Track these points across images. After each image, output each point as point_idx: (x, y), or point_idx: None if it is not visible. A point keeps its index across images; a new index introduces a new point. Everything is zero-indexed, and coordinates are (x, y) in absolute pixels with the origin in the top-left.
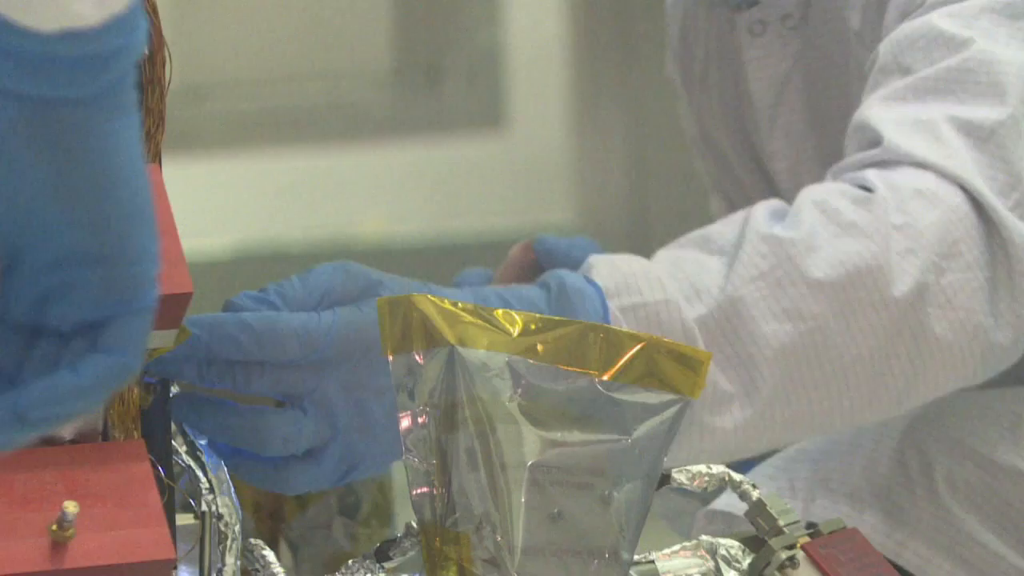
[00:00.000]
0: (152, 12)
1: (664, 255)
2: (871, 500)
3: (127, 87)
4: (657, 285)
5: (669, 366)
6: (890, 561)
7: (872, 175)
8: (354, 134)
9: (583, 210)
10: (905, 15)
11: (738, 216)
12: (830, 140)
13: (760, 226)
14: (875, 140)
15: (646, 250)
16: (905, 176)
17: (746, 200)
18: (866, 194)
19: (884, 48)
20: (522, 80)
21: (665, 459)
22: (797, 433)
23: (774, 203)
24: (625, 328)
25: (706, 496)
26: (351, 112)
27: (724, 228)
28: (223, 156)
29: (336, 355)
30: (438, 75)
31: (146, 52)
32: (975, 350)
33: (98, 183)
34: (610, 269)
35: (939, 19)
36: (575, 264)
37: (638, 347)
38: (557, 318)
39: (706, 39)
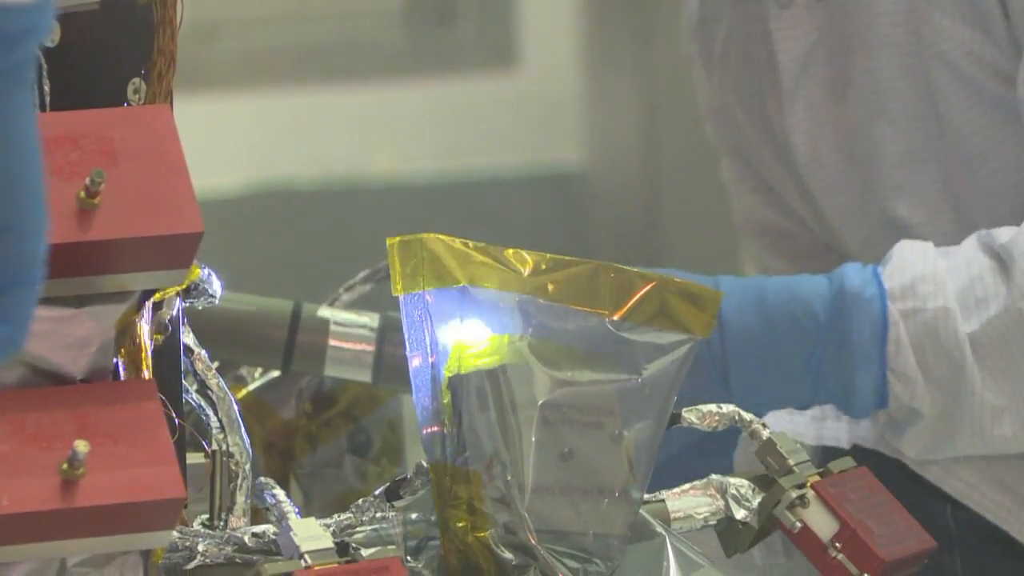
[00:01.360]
0: None
1: (953, 249)
2: None
3: (31, 65)
4: (940, 291)
5: (680, 305)
6: (936, 486)
7: None
8: (365, 72)
9: (594, 149)
10: None
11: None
12: (850, 113)
13: None
14: None
15: (656, 189)
16: None
17: (763, 165)
18: None
19: None
20: (534, 19)
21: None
22: None
23: None
24: (903, 333)
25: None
26: (362, 50)
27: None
28: (234, 95)
29: None
30: (450, 13)
31: None
32: None
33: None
34: (901, 266)
35: None
36: None
37: (649, 286)
38: (568, 257)
39: (730, 16)
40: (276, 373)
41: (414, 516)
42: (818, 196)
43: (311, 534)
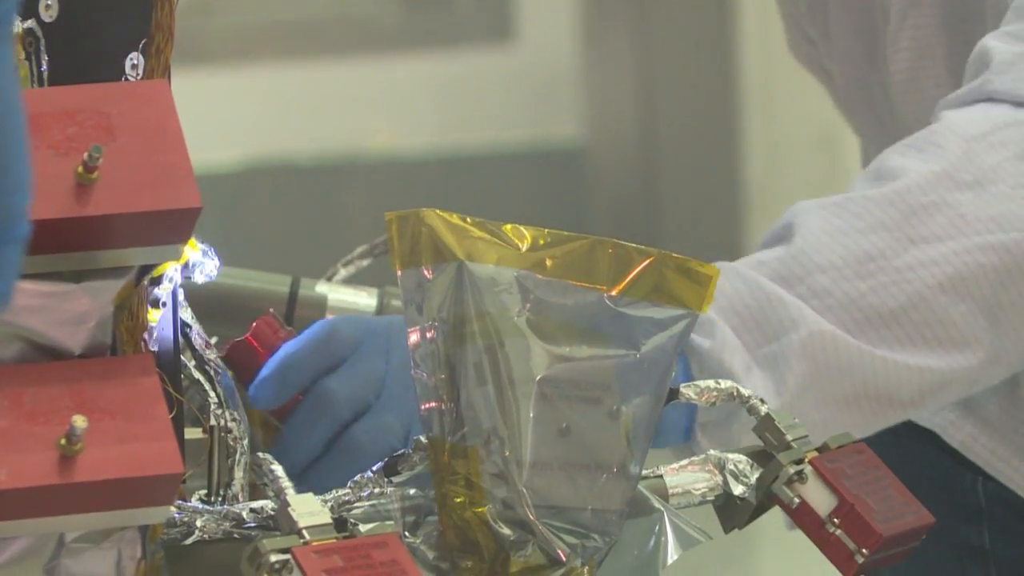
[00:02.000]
0: None
1: None
2: None
3: (11, 18)
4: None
5: (677, 281)
6: (965, 457)
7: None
8: (363, 47)
9: (591, 123)
10: None
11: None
12: (960, 44)
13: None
14: (985, 67)
15: (654, 163)
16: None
17: (846, 85)
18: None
19: None
20: None
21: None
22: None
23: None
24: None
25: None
26: (360, 25)
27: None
28: (232, 70)
29: None
30: None
31: None
32: None
33: None
34: None
35: None
36: None
37: (647, 262)
38: (566, 233)
39: None
40: None
41: (412, 492)
42: (912, 124)
43: (309, 510)
